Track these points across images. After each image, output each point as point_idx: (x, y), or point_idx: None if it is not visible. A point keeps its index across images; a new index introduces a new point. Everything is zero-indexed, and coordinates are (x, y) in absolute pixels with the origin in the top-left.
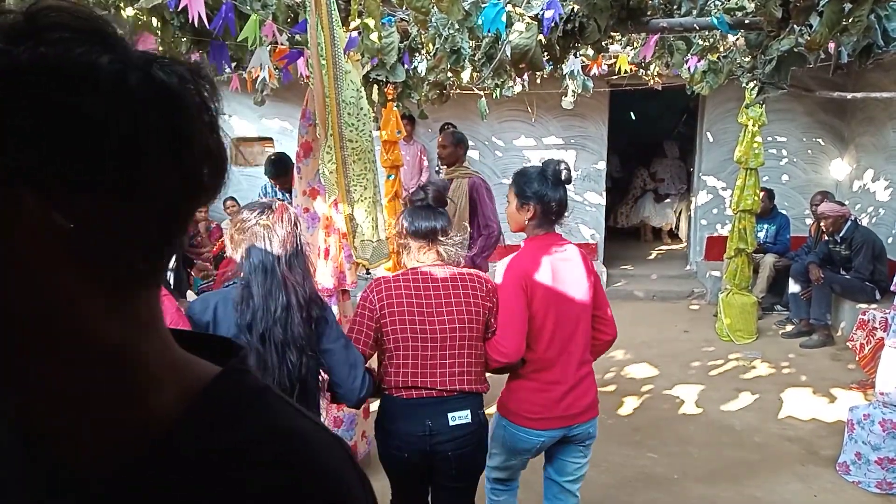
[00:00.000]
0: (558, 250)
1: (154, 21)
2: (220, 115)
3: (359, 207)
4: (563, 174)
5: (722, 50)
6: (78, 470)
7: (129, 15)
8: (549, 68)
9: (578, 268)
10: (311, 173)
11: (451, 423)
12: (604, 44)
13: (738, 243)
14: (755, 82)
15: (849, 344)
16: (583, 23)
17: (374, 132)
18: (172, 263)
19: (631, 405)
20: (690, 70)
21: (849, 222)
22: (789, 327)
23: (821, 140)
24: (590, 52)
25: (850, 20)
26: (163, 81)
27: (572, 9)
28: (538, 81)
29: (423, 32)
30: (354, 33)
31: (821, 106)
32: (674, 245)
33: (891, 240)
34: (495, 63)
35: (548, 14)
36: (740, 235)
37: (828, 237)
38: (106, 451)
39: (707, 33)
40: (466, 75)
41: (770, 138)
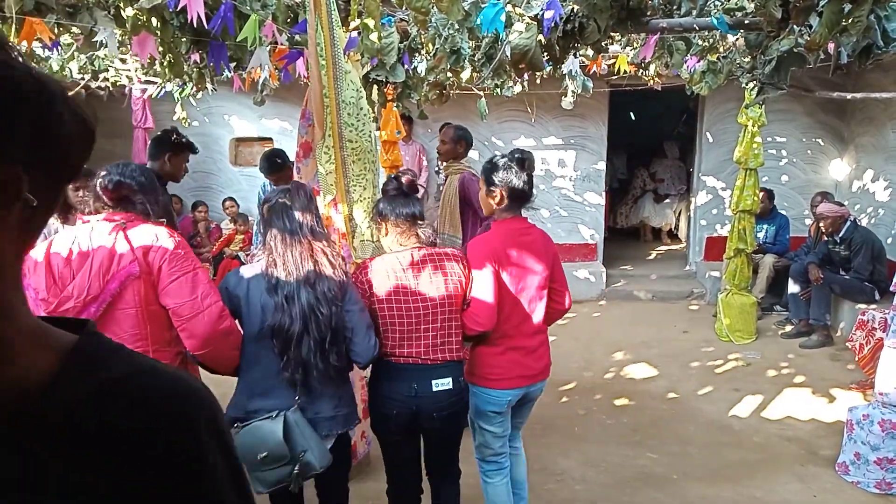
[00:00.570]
0: (523, 231)
1: (154, 21)
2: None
3: (358, 208)
4: (526, 163)
5: (721, 50)
6: None
7: (128, 15)
8: (549, 68)
9: (540, 247)
10: (311, 173)
11: (434, 389)
12: (603, 44)
13: (738, 243)
14: (755, 83)
15: (848, 344)
16: (582, 23)
17: (374, 132)
18: None
19: (630, 405)
20: (690, 70)
21: (848, 223)
22: (789, 327)
23: (820, 140)
24: (589, 52)
25: (850, 20)
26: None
27: (572, 9)
28: (538, 82)
29: (423, 32)
30: (354, 33)
31: (820, 106)
32: (673, 245)
33: (890, 240)
34: (495, 63)
35: (547, 14)
36: (740, 236)
37: (827, 237)
38: None
39: (707, 33)
40: (466, 75)
41: (770, 138)
